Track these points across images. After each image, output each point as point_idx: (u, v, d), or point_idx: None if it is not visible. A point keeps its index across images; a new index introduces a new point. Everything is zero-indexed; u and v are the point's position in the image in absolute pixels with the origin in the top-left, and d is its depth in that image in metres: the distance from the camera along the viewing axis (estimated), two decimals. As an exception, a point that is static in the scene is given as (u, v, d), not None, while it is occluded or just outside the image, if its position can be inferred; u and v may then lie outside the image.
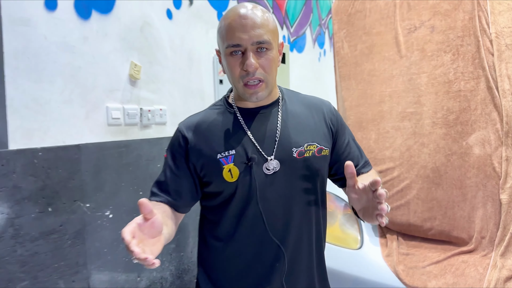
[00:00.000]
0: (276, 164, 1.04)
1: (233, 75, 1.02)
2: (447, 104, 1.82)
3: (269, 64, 1.01)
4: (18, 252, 1.58)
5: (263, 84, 1.02)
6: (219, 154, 1.04)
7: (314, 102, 1.19)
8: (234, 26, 0.98)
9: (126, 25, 2.02)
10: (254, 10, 1.01)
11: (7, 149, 1.55)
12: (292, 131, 1.09)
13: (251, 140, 1.06)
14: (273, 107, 1.11)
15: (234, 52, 1.00)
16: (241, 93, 1.04)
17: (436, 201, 1.78)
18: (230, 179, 1.03)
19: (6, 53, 1.55)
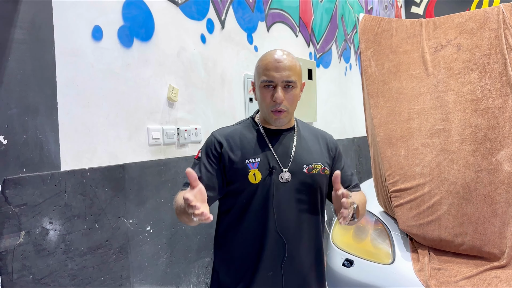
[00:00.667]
0: (288, 175, 1.34)
1: (264, 103, 1.34)
2: (475, 121, 1.86)
3: (292, 99, 1.34)
4: (69, 266, 1.70)
5: (286, 113, 1.34)
6: (247, 160, 1.33)
7: (320, 132, 1.53)
8: (270, 66, 1.31)
9: (164, 51, 2.15)
10: (286, 56, 1.33)
11: (59, 170, 1.68)
12: (303, 152, 1.40)
13: (273, 153, 1.36)
14: (290, 131, 1.43)
15: (267, 85, 1.32)
16: (268, 117, 1.36)
17: (466, 217, 1.81)
18: (254, 181, 1.32)
19: (58, 82, 1.68)
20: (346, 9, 4.56)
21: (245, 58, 2.82)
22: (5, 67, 1.51)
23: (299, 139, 1.43)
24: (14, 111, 1.52)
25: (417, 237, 1.94)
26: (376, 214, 2.22)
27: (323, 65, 4.01)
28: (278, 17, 3.23)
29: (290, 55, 1.35)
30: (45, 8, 1.63)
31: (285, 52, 1.35)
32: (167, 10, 2.18)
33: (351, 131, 4.63)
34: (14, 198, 1.51)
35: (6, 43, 1.51)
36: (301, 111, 3.46)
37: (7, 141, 1.50)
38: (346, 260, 2.07)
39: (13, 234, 1.51)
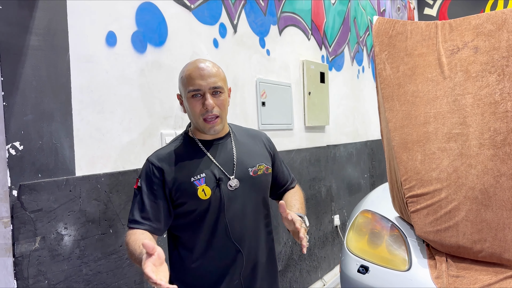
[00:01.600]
0: (236, 182, 1.36)
1: (195, 113, 1.33)
2: (493, 125, 1.82)
3: (222, 103, 1.35)
4: (83, 272, 1.70)
5: (219, 119, 1.34)
6: (192, 177, 1.32)
7: (254, 133, 1.57)
8: (194, 75, 1.31)
9: (177, 56, 2.15)
10: (208, 63, 1.35)
11: (74, 175, 1.68)
12: (244, 155, 1.42)
13: (216, 164, 1.37)
14: (226, 138, 1.45)
15: (195, 95, 1.32)
16: (202, 127, 1.35)
17: (485, 223, 1.77)
18: (204, 196, 1.32)
19: (73, 88, 1.69)
20: (359, 11, 4.53)
21: (258, 62, 2.82)
22: (20, 74, 1.52)
23: (237, 144, 1.45)
24: (29, 117, 1.53)
25: (434, 244, 1.90)
26: (392, 219, 2.19)
27: (335, 68, 3.99)
28: (290, 20, 3.22)
29: (212, 62, 1.38)
30: (60, 14, 1.64)
31: (206, 61, 1.37)
32: (180, 15, 2.18)
33: (364, 135, 4.59)
34: (30, 204, 1.52)
35: (22, 49, 1.52)
36: (313, 115, 3.44)
37: (23, 147, 1.51)
38: (361, 267, 2.04)
39: (28, 239, 1.52)
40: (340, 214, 3.96)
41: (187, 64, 1.39)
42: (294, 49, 3.28)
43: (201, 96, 1.32)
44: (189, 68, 1.35)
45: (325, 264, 3.68)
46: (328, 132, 3.81)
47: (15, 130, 1.49)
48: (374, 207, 2.38)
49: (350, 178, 4.16)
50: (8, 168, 1.47)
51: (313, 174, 3.45)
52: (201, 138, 1.42)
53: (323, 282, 3.57)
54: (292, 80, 3.24)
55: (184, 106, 1.40)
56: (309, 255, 3.42)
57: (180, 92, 1.41)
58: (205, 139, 1.42)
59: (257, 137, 1.55)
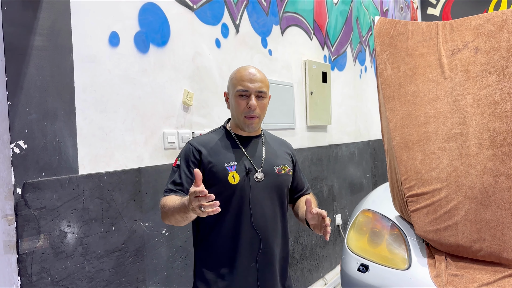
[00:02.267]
0: (262, 175, 1.52)
1: (239, 110, 1.51)
2: (493, 125, 1.83)
3: (263, 106, 1.54)
4: (86, 269, 1.73)
5: (257, 119, 1.53)
6: (225, 163, 1.49)
7: (282, 140, 1.75)
8: (245, 78, 1.50)
9: (179, 56, 2.17)
10: (258, 71, 1.54)
11: (77, 174, 1.71)
12: (272, 155, 1.60)
13: (247, 156, 1.54)
14: (259, 138, 1.63)
15: (242, 95, 1.50)
16: (241, 123, 1.53)
17: (485, 222, 1.78)
18: (233, 182, 1.47)
19: (76, 88, 1.71)
20: (361, 11, 4.53)
21: (260, 62, 2.83)
22: (25, 74, 1.54)
23: (267, 144, 1.63)
24: (33, 117, 1.56)
25: (434, 243, 1.91)
26: (392, 218, 2.20)
27: (337, 68, 4.00)
28: (292, 20, 3.23)
29: (261, 71, 1.57)
30: (63, 15, 1.67)
31: (256, 68, 1.56)
32: (182, 16, 2.20)
33: (366, 134, 4.60)
34: (34, 202, 1.55)
35: (26, 49, 1.54)
36: (315, 115, 3.45)
37: (27, 146, 1.54)
38: (361, 265, 2.06)
39: (32, 237, 1.54)
40: (342, 213, 3.98)
41: (240, 67, 1.57)
42: (296, 49, 3.29)
43: (247, 97, 1.50)
44: (241, 71, 1.53)
45: (326, 263, 3.69)
46: (330, 132, 3.82)
47: (19, 129, 1.51)
48: (375, 206, 2.39)
49: (352, 177, 4.17)
50: (12, 167, 1.50)
51: (315, 173, 3.47)
52: (237, 133, 1.59)
53: (324, 281, 3.59)
54: (294, 80, 3.25)
55: (230, 103, 1.57)
56: (311, 254, 3.44)
57: (229, 90, 1.58)
58: (241, 134, 1.59)
59: (283, 144, 1.73)
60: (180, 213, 1.32)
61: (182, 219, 1.35)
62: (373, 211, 2.33)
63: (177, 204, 1.34)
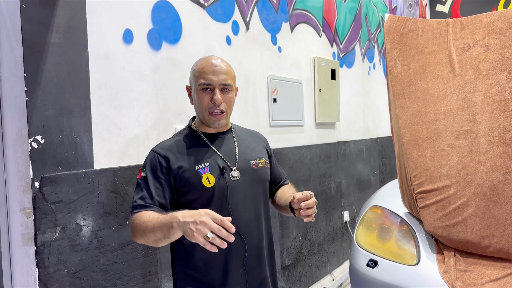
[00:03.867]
0: (237, 173, 1.42)
1: (202, 105, 1.41)
2: (503, 123, 1.84)
3: (229, 100, 1.43)
4: (101, 262, 1.76)
5: (224, 114, 1.42)
6: (197, 166, 1.38)
7: (253, 132, 1.66)
8: (207, 70, 1.39)
9: (191, 53, 2.20)
10: (221, 61, 1.43)
11: (92, 169, 1.74)
12: (246, 149, 1.50)
13: (219, 155, 1.43)
14: (228, 133, 1.53)
15: (205, 88, 1.39)
16: (206, 120, 1.42)
17: (494, 219, 1.80)
18: (208, 184, 1.36)
19: (91, 84, 1.75)
20: (370, 8, 4.53)
21: (269, 59, 2.85)
22: (42, 70, 1.58)
23: (239, 139, 1.53)
24: (50, 112, 1.59)
25: (443, 239, 1.93)
26: (401, 215, 2.22)
27: (346, 65, 4.01)
28: (302, 17, 3.25)
29: (224, 61, 1.46)
30: (79, 12, 1.70)
31: (219, 58, 1.45)
32: (194, 13, 2.23)
33: (375, 131, 4.60)
34: (51, 195, 1.58)
35: (43, 46, 1.58)
36: (324, 112, 3.47)
37: (44, 141, 1.57)
38: (370, 261, 2.08)
39: (49, 229, 1.58)
40: (350, 210, 3.99)
41: (201, 58, 1.46)
42: (305, 46, 3.31)
43: (211, 90, 1.39)
44: (203, 63, 1.42)
45: (334, 259, 3.72)
46: (338, 129, 3.84)
47: (37, 124, 1.55)
48: (384, 203, 2.41)
49: (360, 174, 4.19)
50: (31, 161, 1.53)
51: (323, 170, 3.48)
52: (204, 131, 1.49)
53: (332, 277, 3.61)
54: (303, 77, 3.27)
55: (192, 98, 1.47)
56: (319, 250, 3.46)
57: (191, 84, 1.48)
58: (208, 132, 1.49)
59: (256, 136, 1.63)
60: (162, 231, 1.20)
61: (165, 237, 1.21)
62: (382, 208, 2.35)
63: (159, 222, 1.21)
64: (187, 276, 1.42)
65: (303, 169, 3.20)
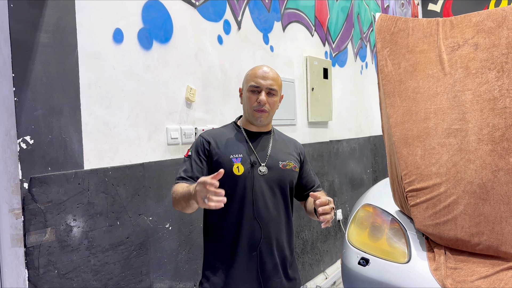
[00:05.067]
0: (265, 169, 1.59)
1: (249, 104, 1.60)
2: (492, 121, 1.85)
3: (273, 103, 1.62)
4: (91, 262, 1.76)
5: (266, 114, 1.61)
6: (231, 155, 1.57)
7: (291, 139, 1.82)
8: (258, 75, 1.60)
9: (182, 52, 2.19)
10: (271, 70, 1.63)
11: (82, 169, 1.73)
12: (278, 151, 1.66)
13: (253, 150, 1.61)
14: (268, 134, 1.70)
15: (254, 90, 1.59)
16: (251, 116, 1.62)
17: (483, 216, 1.81)
18: (237, 172, 1.55)
19: (81, 84, 1.74)
20: (362, 8, 4.54)
21: (261, 58, 2.85)
22: (31, 70, 1.57)
23: (275, 141, 1.70)
24: (39, 112, 1.58)
25: (433, 237, 1.94)
26: (392, 213, 2.23)
27: (338, 64, 4.01)
28: (294, 16, 3.25)
29: (274, 71, 1.65)
30: (68, 12, 1.69)
31: (270, 68, 1.65)
32: (185, 12, 2.22)
33: (367, 130, 4.62)
34: (40, 196, 1.57)
35: (32, 46, 1.57)
36: (316, 111, 3.48)
37: (33, 141, 1.56)
38: (362, 259, 2.09)
39: (39, 230, 1.57)
40: (343, 208, 4.01)
41: (256, 66, 1.66)
42: (297, 45, 3.31)
43: (258, 92, 1.58)
44: (256, 69, 1.63)
45: (327, 258, 3.73)
46: (331, 128, 3.85)
47: (26, 125, 1.54)
48: (375, 201, 2.42)
49: (352, 173, 4.20)
50: (20, 161, 1.52)
51: (316, 169, 3.49)
52: (247, 128, 1.67)
53: (325, 275, 3.62)
54: (295, 76, 3.28)
55: (242, 98, 1.66)
56: (312, 249, 3.47)
57: (243, 86, 1.67)
58: (250, 130, 1.67)
59: (292, 142, 1.79)
60: (185, 200, 1.40)
61: (187, 205, 1.43)
62: (373, 206, 2.36)
63: (185, 191, 1.41)
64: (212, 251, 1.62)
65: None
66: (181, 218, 2.16)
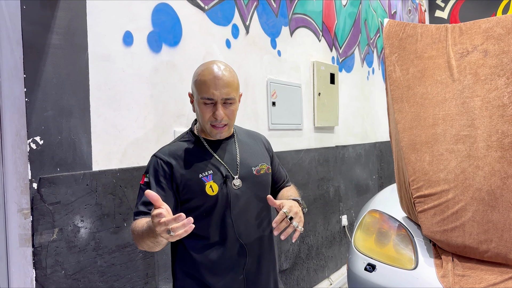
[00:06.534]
0: (239, 182, 1.41)
1: (204, 118, 1.37)
2: (501, 128, 1.84)
3: (232, 113, 1.39)
4: (98, 263, 1.76)
5: (226, 127, 1.39)
6: (200, 174, 1.37)
7: (254, 134, 1.63)
8: (209, 84, 1.33)
9: (190, 56, 2.21)
10: (224, 71, 1.36)
11: (91, 170, 1.74)
12: (247, 155, 1.48)
13: (221, 163, 1.42)
14: (230, 139, 1.50)
15: (206, 103, 1.34)
16: (208, 131, 1.40)
17: (492, 224, 1.80)
18: (212, 193, 1.36)
19: (91, 86, 1.75)
20: (370, 14, 4.55)
21: (269, 62, 2.86)
22: (42, 71, 1.58)
23: (241, 144, 1.51)
24: (49, 113, 1.60)
25: (441, 243, 1.93)
26: (399, 219, 2.22)
27: (345, 70, 4.02)
28: (301, 21, 3.26)
29: (228, 68, 1.39)
30: (79, 14, 1.70)
31: (222, 66, 1.37)
32: (194, 16, 2.24)
33: (373, 136, 4.61)
34: (49, 197, 1.58)
35: (43, 48, 1.58)
36: (323, 116, 3.48)
37: (43, 142, 1.57)
38: (368, 265, 2.08)
39: (47, 230, 1.58)
40: (348, 214, 3.99)
41: (203, 66, 1.39)
42: (304, 50, 3.32)
43: (213, 105, 1.35)
44: (205, 74, 1.35)
45: (332, 264, 3.71)
46: (337, 133, 3.84)
47: (36, 125, 1.55)
48: (382, 207, 2.41)
49: (358, 179, 4.19)
50: (29, 162, 1.53)
51: (321, 174, 3.49)
52: (206, 137, 1.46)
53: (329, 281, 3.61)
54: (302, 81, 3.28)
55: (194, 107, 1.43)
56: (317, 254, 3.46)
57: (192, 92, 1.42)
58: (211, 139, 1.46)
59: (257, 138, 1.61)
60: (150, 239, 1.17)
61: (154, 245, 1.19)
62: (380, 212, 2.35)
63: (145, 229, 1.18)
64: (187, 276, 1.42)
65: (301, 173, 3.20)
66: (187, 221, 2.16)
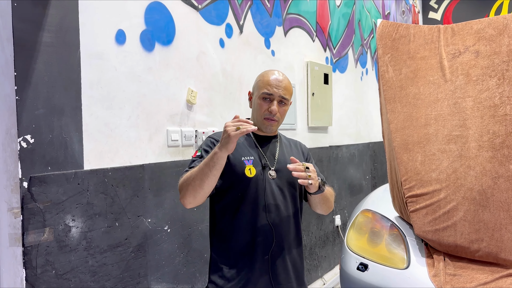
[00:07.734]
0: (274, 173, 1.59)
1: (260, 111, 1.60)
2: (493, 128, 1.86)
3: (283, 112, 1.63)
4: (89, 263, 1.75)
5: (276, 122, 1.62)
6: (243, 157, 1.56)
7: (295, 140, 1.83)
8: (272, 83, 1.58)
9: (184, 55, 2.20)
10: (284, 78, 1.62)
11: (82, 169, 1.73)
12: (285, 154, 1.67)
13: (263, 154, 1.62)
14: (275, 138, 1.71)
15: (265, 98, 1.58)
16: (260, 123, 1.61)
17: (483, 223, 1.81)
18: (249, 174, 1.54)
19: (83, 84, 1.74)
20: (363, 14, 4.57)
21: (262, 62, 2.86)
22: (33, 69, 1.57)
23: (281, 145, 1.70)
24: (41, 112, 1.58)
25: (433, 243, 1.94)
26: (392, 219, 2.23)
27: (339, 70, 4.03)
28: (295, 22, 3.26)
29: (286, 77, 1.64)
30: (71, 12, 1.69)
31: (283, 74, 1.64)
32: (187, 15, 2.23)
33: (367, 136, 4.62)
34: (40, 196, 1.57)
35: (34, 46, 1.57)
36: (316, 116, 3.48)
37: (34, 140, 1.56)
38: (360, 264, 2.08)
39: (38, 230, 1.56)
40: (341, 214, 4.00)
41: (269, 71, 1.64)
42: (298, 50, 3.32)
43: (270, 101, 1.57)
44: (269, 75, 1.61)
45: (325, 264, 3.72)
46: (331, 133, 3.85)
47: (27, 124, 1.54)
48: (375, 206, 2.42)
49: (352, 179, 4.20)
50: (19, 160, 1.52)
51: (315, 174, 3.49)
52: (255, 132, 1.65)
53: (323, 281, 3.61)
54: (296, 81, 3.28)
55: (252, 103, 1.66)
56: (310, 254, 3.46)
57: (253, 90, 1.65)
58: (258, 134, 1.66)
59: (297, 144, 1.81)
60: (208, 165, 1.37)
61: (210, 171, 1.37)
62: (372, 211, 2.36)
63: (202, 162, 1.40)
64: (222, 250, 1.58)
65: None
66: (179, 220, 2.15)
